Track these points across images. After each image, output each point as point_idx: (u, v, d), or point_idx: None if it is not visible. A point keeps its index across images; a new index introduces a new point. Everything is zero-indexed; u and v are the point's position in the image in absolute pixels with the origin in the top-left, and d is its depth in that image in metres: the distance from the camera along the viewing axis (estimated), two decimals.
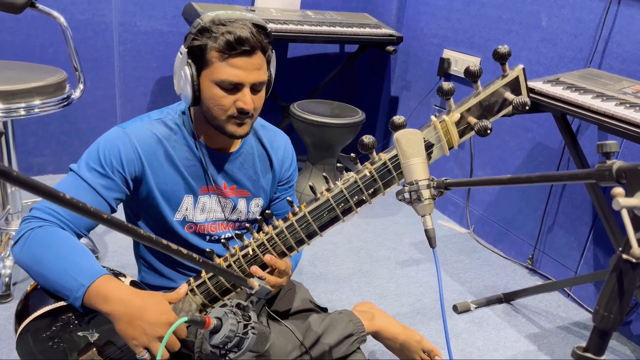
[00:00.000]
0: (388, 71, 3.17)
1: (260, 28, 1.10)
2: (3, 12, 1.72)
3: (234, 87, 1.08)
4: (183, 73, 1.09)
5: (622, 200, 0.50)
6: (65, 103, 1.84)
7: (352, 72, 3.41)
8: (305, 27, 2.58)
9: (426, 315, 2.02)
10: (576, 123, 2.14)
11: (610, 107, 1.55)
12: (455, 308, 2.07)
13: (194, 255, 0.75)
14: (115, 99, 2.78)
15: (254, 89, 1.11)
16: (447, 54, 2.75)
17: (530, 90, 1.75)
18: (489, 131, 1.01)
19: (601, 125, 1.56)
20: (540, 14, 2.26)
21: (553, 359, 1.87)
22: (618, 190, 0.50)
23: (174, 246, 0.72)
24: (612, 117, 1.52)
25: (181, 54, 1.10)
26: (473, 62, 2.60)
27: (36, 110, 1.73)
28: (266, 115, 1.34)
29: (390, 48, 2.76)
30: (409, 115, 3.07)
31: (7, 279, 1.85)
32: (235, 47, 1.05)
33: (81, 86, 1.94)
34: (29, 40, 2.49)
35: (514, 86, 1.04)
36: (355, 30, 2.69)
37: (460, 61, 2.67)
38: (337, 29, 2.66)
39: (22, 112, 1.70)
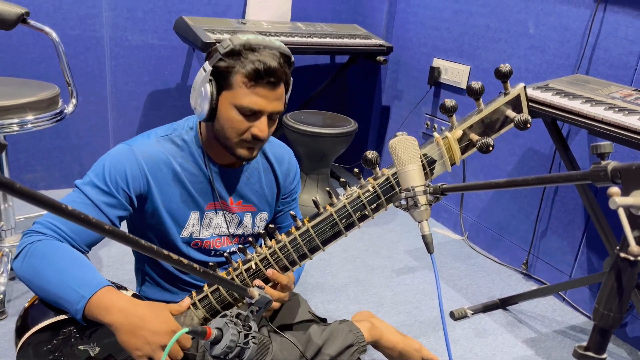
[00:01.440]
0: (379, 81, 3.19)
1: (286, 58, 1.11)
2: None
3: (252, 114, 1.09)
4: (203, 89, 1.08)
5: (618, 199, 0.51)
6: (59, 118, 1.84)
7: (344, 83, 3.43)
8: (296, 39, 2.60)
9: (424, 323, 2.02)
10: (566, 128, 2.16)
11: (599, 111, 1.57)
12: (452, 315, 2.07)
13: (195, 265, 0.75)
14: (107, 113, 2.77)
15: (270, 117, 1.12)
16: (437, 62, 2.78)
17: None
18: (491, 148, 1.02)
19: (591, 130, 1.58)
20: (527, 22, 2.30)
21: None
22: (614, 189, 0.51)
23: (174, 256, 0.72)
24: (601, 121, 1.55)
25: (205, 70, 1.09)
26: (463, 70, 2.63)
27: (29, 125, 1.73)
28: None
29: (380, 58, 2.79)
30: (400, 124, 3.09)
31: (1, 296, 1.83)
32: (263, 77, 1.06)
33: (74, 101, 1.94)
34: (20, 56, 2.49)
35: (515, 104, 1.06)
36: (345, 41, 2.71)
37: (450, 70, 2.70)
38: (328, 40, 2.68)
39: (15, 128, 1.69)
